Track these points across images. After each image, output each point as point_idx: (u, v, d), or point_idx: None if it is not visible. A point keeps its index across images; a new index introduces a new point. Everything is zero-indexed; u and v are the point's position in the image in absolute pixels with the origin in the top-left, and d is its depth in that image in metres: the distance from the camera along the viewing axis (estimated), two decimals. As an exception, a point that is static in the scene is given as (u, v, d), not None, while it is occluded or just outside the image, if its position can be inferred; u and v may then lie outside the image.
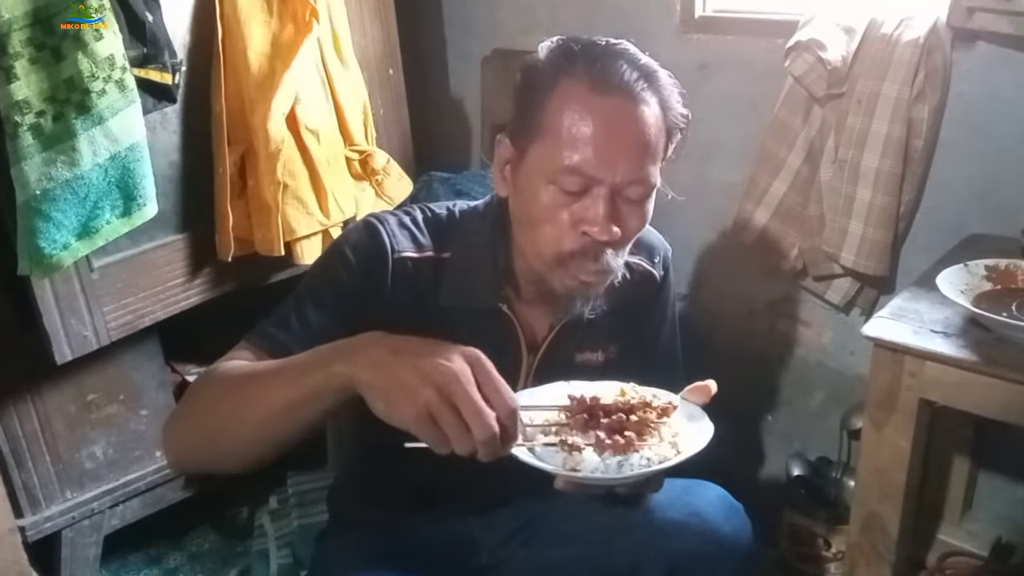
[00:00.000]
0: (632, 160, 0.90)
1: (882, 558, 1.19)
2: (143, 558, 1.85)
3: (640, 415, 0.87)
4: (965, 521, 1.55)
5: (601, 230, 0.90)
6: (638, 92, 0.90)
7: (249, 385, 0.84)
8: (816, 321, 1.70)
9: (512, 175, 0.97)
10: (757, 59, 1.59)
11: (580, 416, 0.86)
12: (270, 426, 0.80)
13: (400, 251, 1.00)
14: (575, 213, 0.91)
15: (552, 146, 0.90)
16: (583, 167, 0.89)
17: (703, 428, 0.87)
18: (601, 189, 0.90)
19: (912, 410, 1.09)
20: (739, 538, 1.06)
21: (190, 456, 0.91)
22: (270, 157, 1.53)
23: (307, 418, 0.80)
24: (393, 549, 1.08)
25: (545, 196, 0.92)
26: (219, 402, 0.85)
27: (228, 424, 0.83)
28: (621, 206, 0.93)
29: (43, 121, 1.22)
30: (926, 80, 1.36)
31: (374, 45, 1.83)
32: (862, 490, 1.18)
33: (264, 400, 0.80)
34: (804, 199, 1.56)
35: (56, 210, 1.25)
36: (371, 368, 0.74)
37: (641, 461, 0.82)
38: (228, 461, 0.87)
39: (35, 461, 1.55)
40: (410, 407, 0.72)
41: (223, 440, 0.85)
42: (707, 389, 0.91)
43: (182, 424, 0.90)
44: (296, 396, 0.78)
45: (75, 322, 1.43)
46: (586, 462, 0.81)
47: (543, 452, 0.83)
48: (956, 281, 1.14)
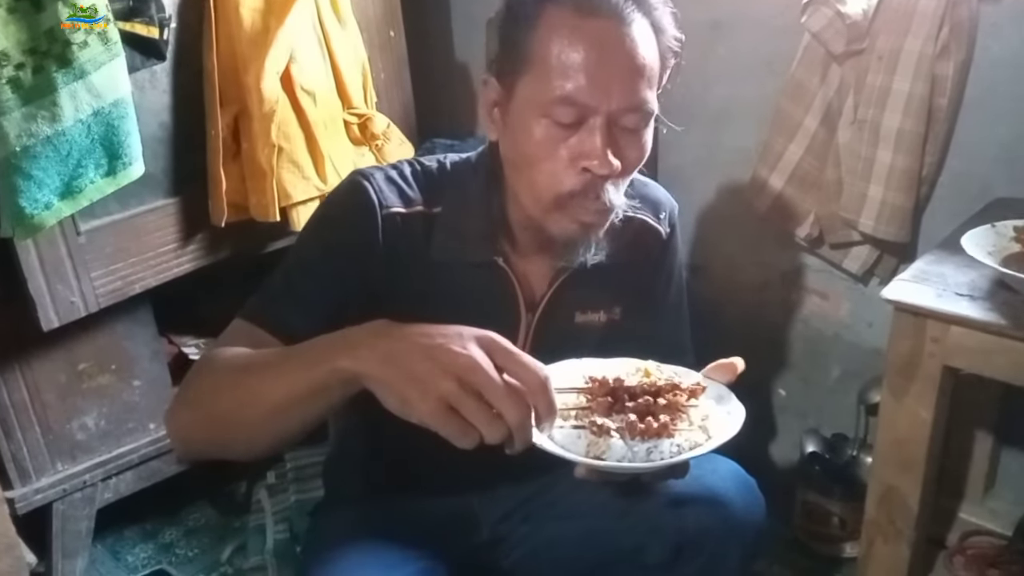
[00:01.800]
0: (626, 84, 0.85)
1: (901, 534, 1.13)
2: (138, 533, 1.82)
3: (669, 398, 0.81)
4: (988, 499, 1.49)
5: (601, 163, 0.85)
6: (627, 13, 0.85)
7: (251, 378, 0.78)
8: (833, 292, 1.64)
9: (502, 116, 0.92)
10: (772, 16, 1.52)
11: (603, 399, 0.80)
12: (276, 419, 0.76)
13: (388, 206, 0.95)
14: (572, 148, 0.86)
15: (541, 77, 0.85)
16: (576, 95, 0.84)
17: (733, 410, 0.81)
18: (597, 119, 0.85)
19: (934, 378, 1.03)
20: (752, 514, 1.01)
21: (196, 444, 0.86)
22: (264, 118, 1.49)
23: (313, 413, 0.75)
24: (390, 524, 1.05)
25: (538, 132, 0.86)
26: (222, 393, 0.80)
27: (233, 416, 0.78)
28: (619, 136, 0.87)
29: (22, 74, 1.17)
30: (951, 35, 1.29)
31: (374, 5, 1.78)
32: (880, 463, 1.12)
33: (268, 394, 0.75)
34: (821, 163, 1.50)
35: (37, 168, 1.21)
36: (379, 362, 0.68)
37: (672, 448, 0.76)
38: (235, 451, 0.82)
39: (24, 431, 1.50)
40: (427, 401, 0.66)
41: (228, 431, 0.80)
42: (733, 367, 0.85)
43: (185, 413, 0.85)
44: (300, 391, 0.73)
45: (62, 287, 1.39)
46: (613, 449, 0.76)
47: (563, 437, 0.77)
48: (983, 242, 1.07)
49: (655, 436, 0.76)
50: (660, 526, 0.99)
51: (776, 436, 1.77)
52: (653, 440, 0.76)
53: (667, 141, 1.74)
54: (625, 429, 0.76)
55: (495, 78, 0.92)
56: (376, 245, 0.94)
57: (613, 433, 0.76)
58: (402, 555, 1.00)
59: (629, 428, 0.76)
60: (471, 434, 0.66)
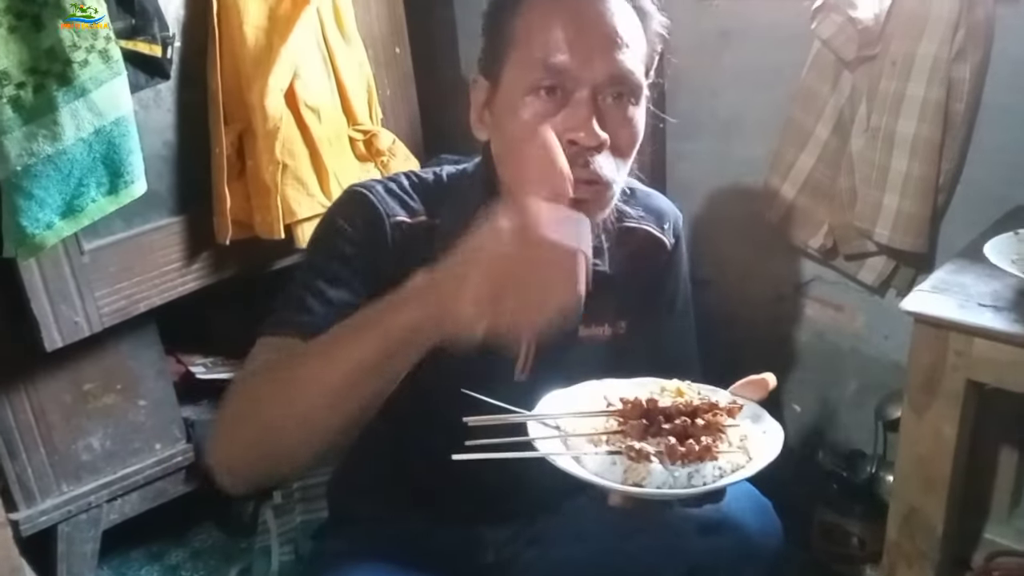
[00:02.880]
0: (608, 55, 0.85)
1: (925, 557, 1.08)
2: (144, 554, 1.80)
3: (708, 418, 0.78)
4: (1014, 518, 1.44)
5: (588, 134, 0.83)
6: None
7: (302, 368, 0.76)
8: (848, 305, 1.60)
9: (490, 111, 0.92)
10: (782, 23, 1.50)
11: (637, 421, 0.77)
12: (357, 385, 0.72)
13: (394, 215, 0.94)
14: (558, 124, 0.84)
15: (524, 57, 0.86)
16: (558, 65, 0.84)
17: (769, 428, 0.78)
18: (582, 92, 0.84)
19: (958, 393, 0.99)
20: (768, 538, 1.00)
21: (245, 467, 0.80)
22: (268, 135, 1.48)
23: (398, 368, 0.73)
24: (394, 546, 1.03)
25: (525, 112, 0.85)
26: (270, 398, 0.77)
27: (285, 419, 0.75)
28: (605, 111, 0.86)
29: (23, 93, 1.17)
30: (967, 37, 1.26)
31: (379, 22, 1.77)
32: (901, 483, 1.08)
33: (329, 375, 0.72)
34: (834, 172, 1.47)
35: (38, 187, 1.20)
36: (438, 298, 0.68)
37: (714, 471, 0.72)
38: (287, 461, 0.79)
39: (29, 452, 1.49)
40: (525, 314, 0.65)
41: (281, 437, 0.76)
42: (765, 384, 0.83)
43: (229, 436, 0.81)
44: (388, 343, 0.70)
45: (65, 307, 1.38)
46: (653, 475, 0.72)
47: (597, 463, 0.74)
48: (1006, 250, 1.03)
49: (697, 460, 0.73)
50: (673, 550, 0.97)
51: (791, 453, 1.73)
52: (695, 464, 0.73)
53: (676, 151, 1.72)
54: (665, 453, 0.73)
55: (482, 76, 0.92)
56: (387, 251, 0.93)
57: (652, 458, 0.73)
58: (407, 572, 0.99)
59: (669, 452, 0.73)
60: None
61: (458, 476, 0.93)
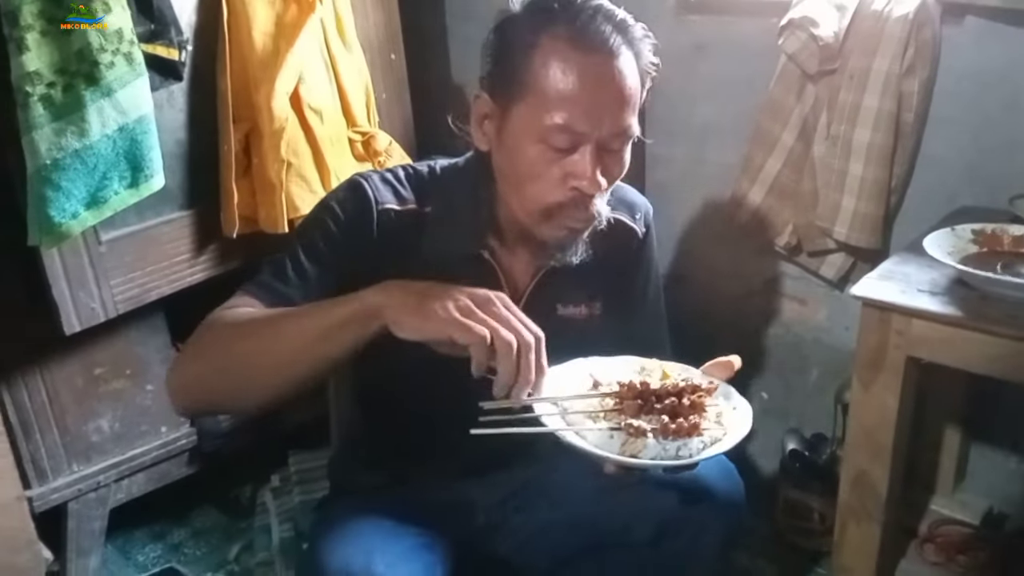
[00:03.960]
0: (616, 114, 0.93)
1: (872, 517, 1.21)
2: (147, 534, 1.87)
3: (693, 398, 0.88)
4: (958, 492, 1.57)
5: (590, 184, 0.93)
6: (617, 48, 0.93)
7: (277, 321, 0.90)
8: (812, 299, 1.72)
9: (495, 132, 0.99)
10: (751, 39, 1.62)
11: (633, 402, 0.87)
12: (298, 358, 0.86)
13: (383, 203, 1.03)
14: (563, 167, 0.94)
15: (539, 105, 0.92)
16: (572, 124, 0.92)
17: (738, 404, 0.89)
18: (588, 146, 0.93)
19: (899, 368, 1.11)
20: (732, 497, 1.08)
21: (203, 394, 0.94)
22: (274, 135, 1.56)
23: (333, 352, 0.86)
24: (393, 510, 1.10)
25: (532, 153, 0.94)
26: (243, 337, 0.89)
27: (253, 358, 0.88)
28: (604, 157, 0.95)
29: (53, 92, 1.25)
30: (916, 55, 1.39)
31: (376, 29, 1.87)
32: (852, 450, 1.20)
33: (295, 332, 0.86)
34: (798, 175, 1.59)
35: (66, 179, 1.28)
36: (404, 294, 0.84)
37: (699, 445, 0.83)
38: (244, 398, 0.92)
39: (43, 433, 1.57)
40: (447, 310, 0.80)
41: (245, 374, 0.89)
42: (730, 365, 0.93)
43: (197, 362, 0.93)
44: (326, 328, 0.85)
45: (83, 294, 1.46)
46: (648, 448, 0.82)
47: (597, 437, 0.84)
48: (943, 244, 1.16)
49: (686, 435, 0.83)
50: (646, 508, 1.06)
51: (759, 437, 1.85)
52: (684, 439, 0.83)
53: (654, 157, 1.83)
54: (659, 430, 0.83)
55: (487, 94, 0.99)
56: (370, 238, 1.02)
57: (648, 434, 0.83)
58: (404, 530, 1.06)
59: (663, 429, 0.83)
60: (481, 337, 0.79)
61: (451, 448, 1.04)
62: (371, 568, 0.94)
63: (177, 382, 0.94)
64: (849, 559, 1.27)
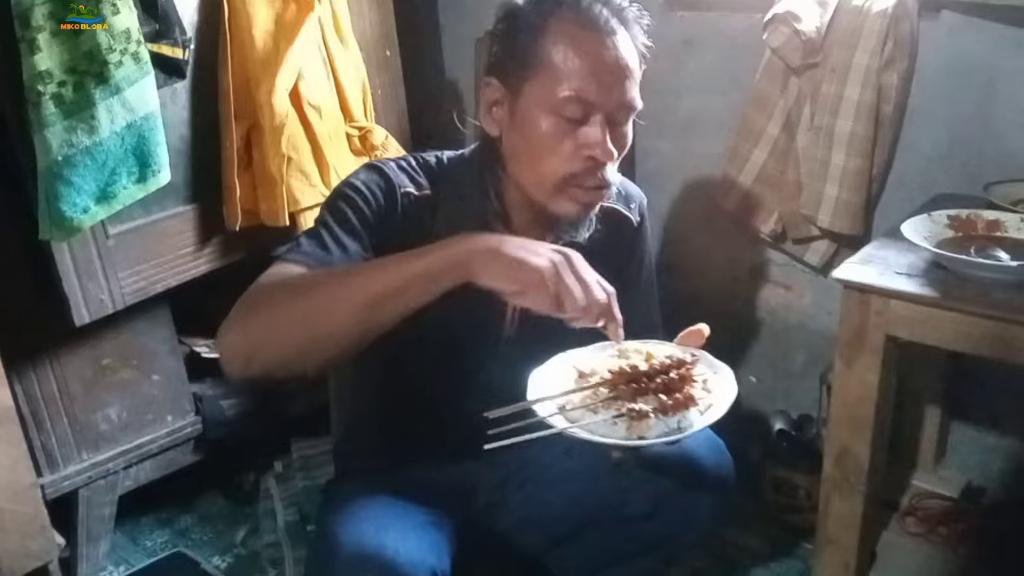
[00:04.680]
0: (623, 86, 1.00)
1: (854, 489, 1.27)
2: (155, 520, 1.92)
3: (682, 372, 0.92)
4: (939, 468, 1.64)
5: (603, 152, 0.99)
6: (616, 27, 1.01)
7: (347, 275, 0.91)
8: (797, 285, 1.78)
9: (507, 114, 1.05)
10: (738, 34, 1.67)
11: (627, 387, 0.90)
12: (372, 311, 0.87)
13: (403, 186, 1.07)
14: (577, 139, 1.00)
15: (551, 80, 0.99)
16: (584, 95, 0.98)
17: (720, 369, 0.94)
18: (598, 116, 0.99)
19: (879, 347, 1.17)
20: (721, 471, 1.14)
21: (267, 354, 0.90)
22: (275, 131, 1.60)
23: (409, 303, 0.87)
24: (398, 491, 1.14)
25: (546, 126, 1.00)
26: (310, 293, 0.89)
27: (323, 313, 0.87)
28: (612, 129, 1.01)
29: (64, 91, 1.29)
30: (895, 48, 1.44)
31: (372, 27, 1.91)
32: (835, 425, 1.26)
33: (370, 284, 0.87)
34: (783, 165, 1.64)
35: (76, 175, 1.32)
36: (489, 243, 0.87)
37: (696, 414, 0.87)
38: (312, 352, 0.90)
39: (53, 422, 1.61)
40: (533, 266, 0.84)
41: (314, 329, 0.88)
42: (700, 333, 0.98)
43: (257, 322, 0.90)
44: (410, 276, 0.87)
45: (92, 286, 1.50)
46: (654, 428, 0.85)
47: (601, 427, 0.87)
48: (920, 229, 1.22)
49: (683, 408, 0.88)
50: (641, 485, 1.11)
51: (748, 419, 1.90)
52: (682, 412, 0.87)
53: (644, 148, 1.88)
54: (659, 409, 0.87)
55: (497, 80, 1.05)
56: (396, 216, 1.06)
57: (650, 414, 0.87)
58: (411, 509, 1.10)
59: (662, 407, 0.87)
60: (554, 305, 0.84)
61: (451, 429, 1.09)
62: (383, 543, 0.98)
63: (236, 344, 0.91)
64: (834, 530, 1.33)
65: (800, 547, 1.71)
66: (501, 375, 0.97)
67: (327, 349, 0.90)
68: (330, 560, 0.99)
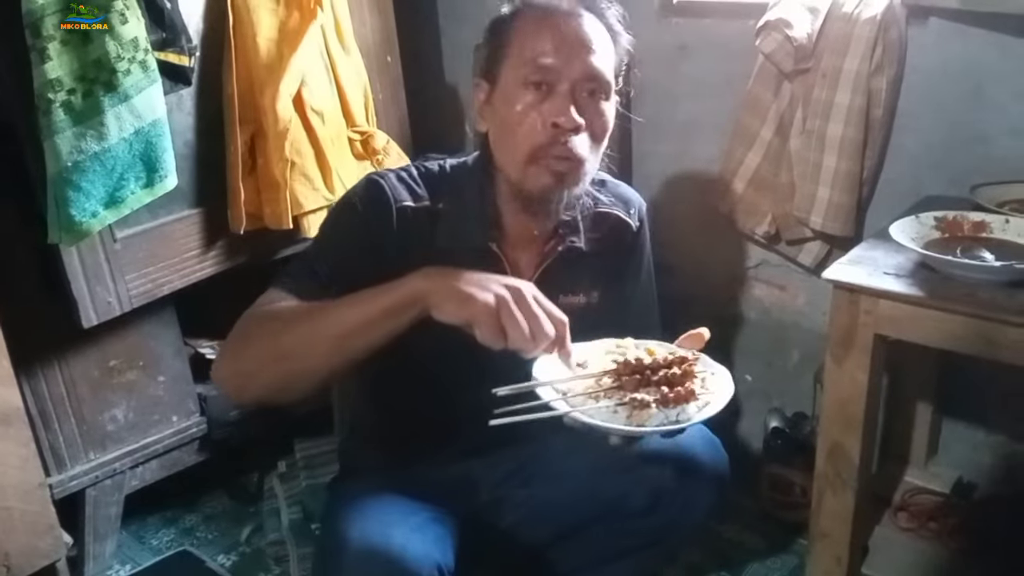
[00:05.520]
0: (583, 56, 1.05)
1: (846, 485, 1.30)
2: (160, 519, 1.94)
3: (685, 368, 0.95)
4: (930, 464, 1.67)
5: (567, 118, 1.03)
6: (581, 11, 1.08)
7: (323, 312, 0.96)
8: (791, 285, 1.81)
9: (491, 106, 1.10)
10: (731, 40, 1.70)
11: (631, 377, 0.94)
12: (347, 344, 0.93)
13: (400, 201, 1.10)
14: (544, 112, 1.04)
15: (517, 58, 1.06)
16: (545, 64, 1.03)
17: (716, 370, 0.97)
18: (563, 86, 1.04)
19: (868, 345, 1.20)
20: (717, 467, 1.17)
21: (255, 386, 1.00)
22: (278, 136, 1.63)
23: (379, 336, 0.93)
24: (402, 489, 1.17)
25: (516, 101, 1.05)
26: (291, 329, 0.96)
27: (303, 348, 0.95)
28: (582, 103, 1.05)
29: (74, 98, 1.32)
30: (884, 54, 1.47)
31: (373, 33, 1.94)
32: (827, 423, 1.29)
33: (343, 321, 0.93)
34: (776, 168, 1.67)
35: (85, 181, 1.36)
36: (443, 279, 0.91)
37: (694, 408, 0.91)
38: (295, 385, 0.98)
39: (61, 422, 1.65)
40: (486, 296, 0.88)
41: (295, 364, 0.95)
42: (701, 336, 1.02)
43: (245, 356, 0.99)
44: (376, 311, 0.92)
45: (100, 289, 1.54)
46: (653, 418, 0.89)
47: (603, 414, 0.91)
48: (908, 230, 1.25)
49: (684, 402, 0.91)
50: (640, 480, 1.15)
51: (744, 418, 1.94)
52: (682, 405, 0.91)
53: (641, 151, 1.91)
54: (660, 400, 0.91)
55: (482, 78, 1.11)
56: (391, 234, 1.09)
57: (651, 404, 0.91)
58: (415, 506, 1.13)
59: (663, 399, 0.91)
60: (501, 337, 0.87)
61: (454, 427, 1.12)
62: (389, 540, 1.01)
63: (228, 377, 1.00)
64: (826, 525, 1.36)
65: (795, 543, 1.74)
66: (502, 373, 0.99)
67: (306, 381, 0.98)
68: (338, 556, 1.02)
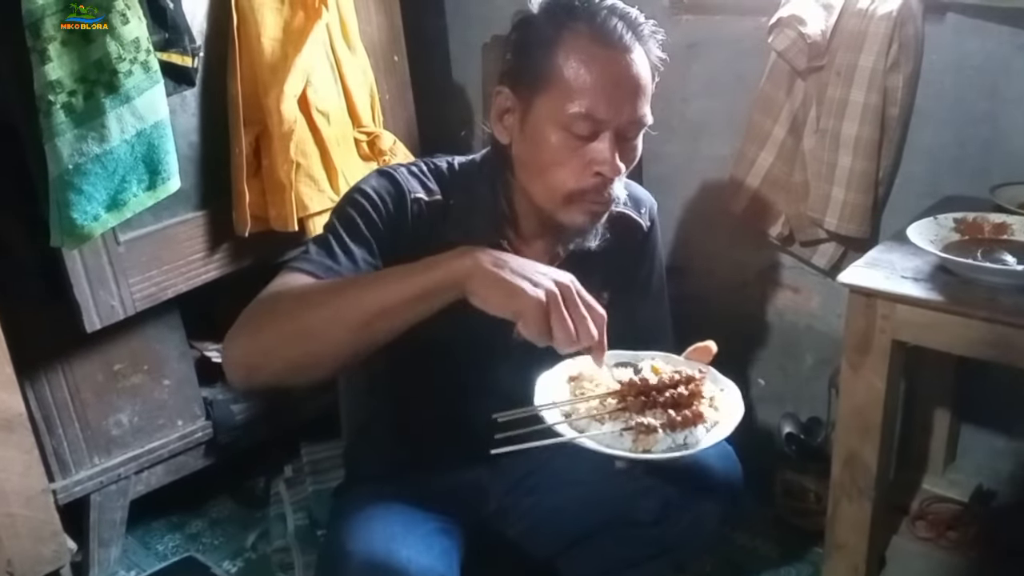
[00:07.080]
0: (634, 103, 1.00)
1: (863, 494, 1.26)
2: (166, 524, 1.93)
3: (692, 388, 0.91)
4: (948, 472, 1.63)
5: (611, 168, 0.99)
6: (631, 43, 1.00)
7: (350, 288, 0.90)
8: (805, 287, 1.78)
9: (518, 124, 1.05)
10: (743, 37, 1.67)
11: (636, 399, 0.90)
12: (375, 323, 0.86)
13: (414, 193, 1.08)
14: (585, 155, 1.00)
15: (562, 95, 0.99)
16: (594, 112, 0.98)
17: (726, 386, 0.94)
18: (608, 132, 0.99)
19: (885, 351, 1.17)
20: (730, 476, 1.15)
21: (270, 366, 0.91)
22: (283, 137, 1.62)
23: (411, 316, 0.87)
24: (408, 494, 1.15)
25: (555, 141, 1.00)
26: (313, 305, 0.89)
27: (326, 325, 0.87)
28: (621, 144, 1.02)
29: (75, 100, 1.31)
30: (900, 51, 1.44)
31: (379, 32, 1.92)
32: (843, 430, 1.26)
33: (374, 298, 0.86)
34: (789, 168, 1.64)
35: (87, 183, 1.34)
36: (487, 264, 0.84)
37: (702, 431, 0.87)
38: (314, 365, 0.90)
39: (65, 427, 1.63)
40: (538, 292, 0.82)
41: (316, 342, 0.88)
42: (708, 350, 0.99)
43: (261, 334, 0.90)
44: (412, 292, 0.86)
45: (103, 293, 1.52)
46: (660, 442, 0.85)
47: (608, 438, 0.87)
48: (926, 232, 1.22)
49: (691, 424, 0.87)
50: (650, 490, 1.12)
51: (757, 423, 1.91)
52: (689, 428, 0.87)
53: (651, 152, 1.86)
54: (667, 424, 0.87)
55: (509, 89, 1.05)
56: (405, 224, 1.07)
57: (658, 429, 0.87)
58: (421, 516, 1.11)
59: (670, 423, 0.87)
60: (547, 335, 0.82)
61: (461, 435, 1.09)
62: (393, 553, 0.99)
63: (241, 356, 0.92)
64: (843, 535, 1.33)
65: (810, 551, 1.71)
66: (512, 379, 0.98)
67: (324, 363, 0.90)
68: (340, 569, 1.00)
